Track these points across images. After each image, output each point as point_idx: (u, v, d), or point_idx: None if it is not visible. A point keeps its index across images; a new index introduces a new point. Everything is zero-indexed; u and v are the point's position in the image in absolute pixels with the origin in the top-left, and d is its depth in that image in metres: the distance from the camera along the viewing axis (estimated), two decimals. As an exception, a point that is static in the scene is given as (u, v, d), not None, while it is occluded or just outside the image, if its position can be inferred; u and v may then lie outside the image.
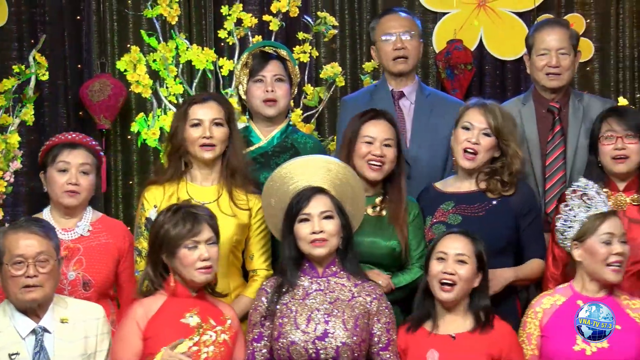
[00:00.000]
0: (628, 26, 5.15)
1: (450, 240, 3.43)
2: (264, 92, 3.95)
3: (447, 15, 5.20)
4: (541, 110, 4.15)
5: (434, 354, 3.35)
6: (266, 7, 5.02)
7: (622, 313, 3.41)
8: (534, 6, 5.12)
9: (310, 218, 3.35)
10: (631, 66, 5.17)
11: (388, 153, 3.69)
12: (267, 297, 3.37)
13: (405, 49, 4.22)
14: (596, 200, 3.48)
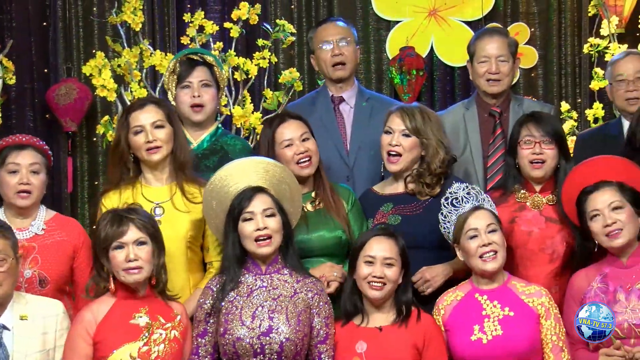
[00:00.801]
0: (569, 35, 5.16)
1: (377, 244, 3.42)
2: (190, 98, 3.91)
3: (400, 23, 5.19)
4: (483, 114, 4.16)
5: (363, 345, 3.35)
6: (227, 15, 5.02)
7: (516, 300, 3.42)
8: (481, 16, 5.12)
9: (254, 216, 3.33)
10: (572, 73, 5.18)
11: (310, 145, 3.69)
12: (212, 295, 3.34)
13: (343, 55, 4.20)
14: (463, 200, 3.50)
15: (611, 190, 3.48)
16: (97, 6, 5.07)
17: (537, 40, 5.18)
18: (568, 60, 5.16)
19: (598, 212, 3.46)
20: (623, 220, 3.43)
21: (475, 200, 3.51)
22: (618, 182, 3.51)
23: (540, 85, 5.19)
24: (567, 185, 3.64)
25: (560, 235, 3.69)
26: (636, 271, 3.47)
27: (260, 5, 4.99)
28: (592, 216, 3.48)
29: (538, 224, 3.71)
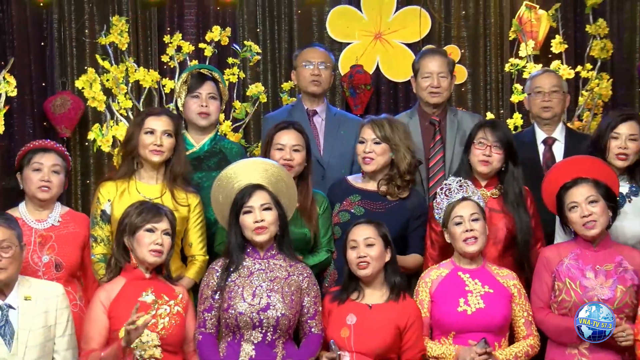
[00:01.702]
0: (493, 56, 5.21)
1: (358, 229, 3.50)
2: (199, 107, 4.00)
3: (350, 45, 5.22)
4: (424, 122, 4.27)
5: (353, 318, 3.43)
6: (201, 36, 5.07)
7: (493, 280, 3.53)
8: (420, 38, 5.16)
9: (253, 210, 3.40)
10: (496, 88, 5.21)
11: (296, 157, 3.76)
12: (217, 275, 3.39)
13: (320, 75, 4.36)
14: (454, 192, 3.59)
15: (588, 186, 3.53)
16: (88, 28, 5.07)
17: (467, 60, 5.22)
18: (492, 77, 5.22)
19: (576, 204, 3.51)
20: (597, 212, 3.49)
21: (464, 192, 3.58)
22: (593, 179, 3.56)
23: (469, 98, 5.23)
24: (548, 180, 3.70)
25: (501, 223, 3.77)
26: (604, 255, 3.53)
27: (230, 28, 5.07)
28: (571, 207, 3.53)
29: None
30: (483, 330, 3.42)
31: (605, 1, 5.15)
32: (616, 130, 3.86)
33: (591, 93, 5.00)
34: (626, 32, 5.20)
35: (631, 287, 3.47)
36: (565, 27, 5.12)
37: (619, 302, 3.44)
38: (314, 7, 5.27)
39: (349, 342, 3.39)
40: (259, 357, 3.30)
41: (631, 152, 3.85)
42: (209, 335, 3.38)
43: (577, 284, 3.49)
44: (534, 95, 4.32)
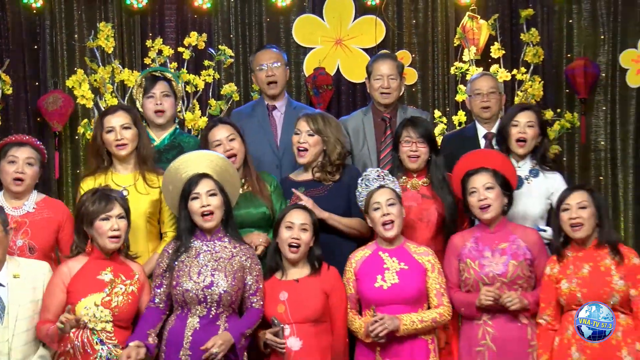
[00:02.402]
0: (440, 60, 5.26)
1: (295, 213, 3.51)
2: (154, 105, 4.01)
3: (314, 49, 5.27)
4: (377, 119, 4.32)
5: (284, 294, 3.46)
6: (180, 41, 5.12)
7: (409, 257, 3.55)
8: (375, 44, 5.20)
9: (199, 196, 3.40)
10: (443, 88, 5.27)
11: (235, 145, 3.76)
12: (167, 256, 3.41)
13: (275, 75, 4.34)
14: (373, 181, 3.61)
15: (487, 174, 3.59)
16: (78, 33, 5.14)
17: (417, 64, 5.28)
18: (439, 79, 5.27)
19: (475, 189, 3.59)
20: (492, 197, 3.56)
21: (382, 181, 3.62)
22: (493, 169, 3.62)
23: (419, 98, 5.29)
24: (457, 168, 3.76)
25: (432, 207, 3.83)
26: (499, 236, 3.60)
27: (206, 34, 5.12)
28: (471, 192, 3.60)
29: (416, 200, 3.84)
30: (399, 303, 3.47)
31: (536, 13, 5.23)
32: (516, 119, 3.97)
33: (525, 93, 5.07)
34: (555, 41, 5.29)
35: (523, 261, 3.54)
36: (503, 35, 5.19)
37: (511, 275, 3.53)
38: (281, 16, 5.32)
39: (287, 316, 3.43)
40: (202, 329, 3.31)
41: (529, 137, 3.96)
42: (154, 309, 3.38)
43: (476, 263, 3.56)
44: (474, 97, 4.36)
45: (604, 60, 5.27)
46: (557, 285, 3.51)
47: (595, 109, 5.30)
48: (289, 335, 3.42)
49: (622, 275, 3.44)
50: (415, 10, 5.34)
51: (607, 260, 3.48)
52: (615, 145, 5.29)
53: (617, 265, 3.45)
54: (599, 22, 5.28)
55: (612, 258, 3.47)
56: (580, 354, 3.42)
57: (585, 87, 5.09)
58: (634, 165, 5.24)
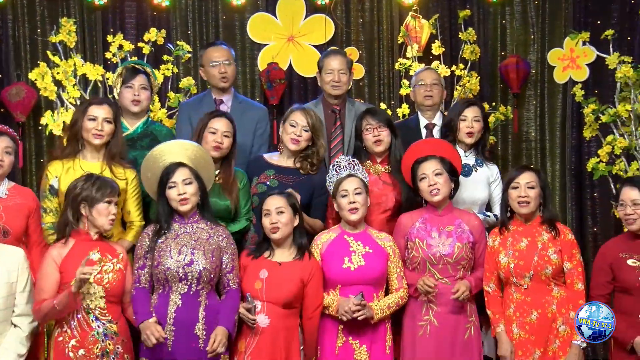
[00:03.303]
0: (385, 56, 5.27)
1: (270, 200, 3.52)
2: (132, 95, 3.99)
3: (267, 45, 5.24)
4: (327, 111, 4.32)
5: (265, 272, 3.47)
6: (140, 37, 5.03)
7: (373, 242, 3.57)
8: (325, 41, 5.20)
9: (176, 185, 3.41)
10: (388, 83, 5.26)
11: (225, 142, 3.78)
12: (149, 238, 3.41)
13: (226, 72, 4.29)
14: (343, 168, 3.63)
15: (435, 161, 3.63)
16: (40, 28, 5.02)
17: (364, 60, 5.28)
18: (385, 74, 5.28)
19: (425, 176, 3.61)
20: (441, 182, 3.60)
21: (352, 169, 3.63)
22: (440, 156, 3.66)
23: (366, 91, 5.29)
24: (406, 156, 3.79)
25: (391, 194, 3.86)
26: (447, 219, 3.64)
27: (165, 30, 5.06)
28: (421, 178, 3.63)
29: (377, 185, 3.87)
30: (363, 284, 3.49)
31: (473, 14, 5.29)
32: (464, 114, 4.04)
33: (463, 88, 5.09)
34: (490, 39, 5.36)
35: (467, 243, 3.59)
36: (443, 34, 5.21)
37: (456, 256, 3.58)
38: (236, 13, 5.28)
39: (261, 293, 3.43)
40: (185, 305, 3.32)
41: (476, 130, 4.03)
42: (142, 289, 3.39)
43: (424, 242, 3.60)
44: (418, 87, 4.39)
45: (534, 58, 5.33)
46: (496, 259, 3.56)
47: (526, 102, 5.37)
48: (260, 311, 3.42)
49: (557, 249, 3.51)
50: (362, 10, 5.34)
51: (544, 236, 3.55)
52: (544, 136, 5.36)
53: (553, 239, 3.52)
54: (529, 23, 5.35)
55: (549, 233, 3.53)
56: (520, 329, 3.49)
57: (518, 82, 5.15)
58: (560, 154, 5.32)
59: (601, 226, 5.17)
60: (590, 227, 5.20)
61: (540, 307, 3.47)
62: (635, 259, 3.47)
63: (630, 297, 3.44)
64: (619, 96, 4.83)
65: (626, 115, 4.76)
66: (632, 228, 3.51)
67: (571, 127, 5.25)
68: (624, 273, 3.46)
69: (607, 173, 4.80)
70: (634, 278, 3.43)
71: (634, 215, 3.47)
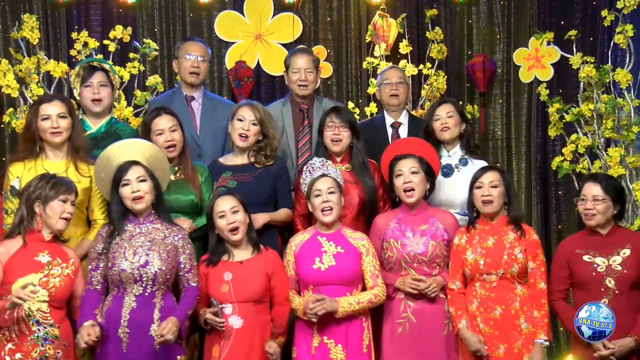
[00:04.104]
0: (353, 55, 5.26)
1: (222, 201, 3.47)
2: (92, 94, 3.90)
3: (235, 44, 5.21)
4: (295, 109, 4.29)
5: (229, 275, 3.43)
6: (106, 34, 4.96)
7: (346, 242, 3.55)
8: (293, 39, 5.17)
9: (130, 182, 3.36)
10: (356, 81, 5.26)
11: (176, 136, 3.72)
12: (102, 239, 3.34)
13: (199, 68, 4.26)
14: (317, 169, 3.63)
15: (413, 159, 3.62)
16: (2, 24, 4.93)
17: (332, 58, 5.28)
18: (353, 72, 5.27)
19: (401, 173, 3.60)
20: (416, 182, 3.57)
21: (325, 170, 3.61)
22: (419, 155, 3.66)
23: (334, 90, 5.29)
24: (386, 153, 3.77)
25: (354, 192, 3.83)
26: (421, 218, 3.63)
27: (131, 27, 4.98)
28: (397, 175, 3.62)
29: None
30: (335, 284, 3.47)
31: (440, 13, 5.29)
32: (436, 113, 4.04)
33: (431, 87, 5.08)
34: (457, 39, 5.37)
35: (441, 241, 3.60)
36: (410, 33, 5.21)
37: (431, 254, 3.59)
38: (203, 11, 5.24)
39: (230, 295, 3.40)
40: (139, 307, 3.27)
41: (451, 124, 4.01)
42: (93, 291, 3.33)
43: (398, 242, 3.59)
44: (383, 85, 4.38)
45: (500, 57, 5.36)
46: (463, 257, 3.57)
47: (492, 101, 5.40)
48: (231, 313, 3.38)
49: (522, 248, 3.53)
50: (330, 9, 5.34)
51: (510, 235, 3.57)
52: (510, 134, 5.39)
53: (518, 239, 3.54)
54: (495, 22, 5.37)
55: (515, 233, 3.55)
56: (484, 325, 3.50)
57: (484, 81, 5.17)
58: (526, 152, 5.35)
59: (565, 223, 5.20)
60: (554, 224, 5.25)
61: (504, 303, 3.48)
62: (591, 255, 3.51)
63: (586, 293, 3.47)
64: (582, 96, 4.87)
65: (589, 114, 4.80)
66: (590, 223, 3.55)
67: (536, 125, 5.28)
68: (580, 269, 3.50)
69: (571, 171, 4.83)
70: (588, 273, 3.47)
71: (593, 210, 3.51)
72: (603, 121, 4.75)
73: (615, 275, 3.44)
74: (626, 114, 4.72)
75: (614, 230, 3.56)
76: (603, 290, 3.44)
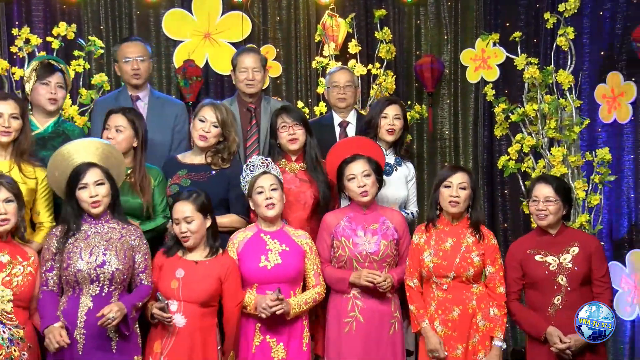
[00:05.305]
0: (303, 54, 5.24)
1: (179, 207, 3.42)
2: (49, 93, 3.82)
3: (183, 42, 5.14)
4: (243, 109, 4.24)
5: (181, 272, 3.40)
6: (49, 31, 4.86)
7: (290, 240, 3.54)
8: (242, 38, 5.11)
9: (87, 186, 3.29)
10: (305, 81, 5.24)
11: (118, 137, 3.65)
12: (56, 239, 3.28)
13: (140, 69, 4.19)
14: (257, 167, 3.60)
15: (363, 161, 3.60)
16: None
17: (281, 58, 5.23)
18: (302, 72, 5.25)
19: (354, 176, 3.58)
20: (369, 184, 3.57)
21: (265, 167, 3.59)
22: (367, 156, 3.64)
23: (284, 89, 5.25)
24: (332, 154, 3.75)
25: (309, 191, 3.81)
26: (372, 217, 3.62)
27: (76, 24, 4.87)
28: (350, 179, 3.59)
29: (294, 183, 3.81)
30: (280, 282, 3.46)
31: (389, 14, 5.30)
32: (385, 112, 4.03)
33: (379, 86, 5.09)
34: (405, 39, 5.38)
35: (392, 241, 3.60)
36: (359, 33, 5.19)
37: (382, 253, 3.58)
38: (151, 9, 5.20)
39: (178, 293, 3.37)
40: (96, 307, 3.21)
41: (397, 128, 4.04)
42: (50, 292, 3.27)
43: (350, 241, 3.58)
44: (331, 88, 4.38)
45: (448, 58, 5.40)
46: (420, 257, 3.57)
47: (440, 101, 5.43)
48: (176, 311, 3.35)
49: (480, 252, 3.54)
50: (279, 8, 5.32)
51: (469, 238, 3.57)
52: (457, 134, 5.43)
53: (477, 243, 3.55)
54: (443, 23, 5.40)
55: (474, 236, 3.56)
56: (443, 326, 3.51)
57: (432, 81, 5.19)
58: (473, 152, 5.39)
59: (511, 222, 5.26)
60: (501, 223, 5.29)
61: (461, 303, 3.49)
62: (542, 255, 3.54)
63: (538, 292, 3.51)
64: (527, 96, 4.93)
65: (533, 114, 4.86)
66: (541, 224, 3.58)
67: (483, 125, 5.33)
68: (532, 269, 3.53)
69: (516, 170, 4.88)
70: (541, 273, 3.50)
71: (546, 211, 3.53)
72: (547, 121, 4.81)
73: (567, 272, 3.48)
74: (568, 114, 4.79)
75: (562, 230, 3.59)
76: (556, 288, 3.47)
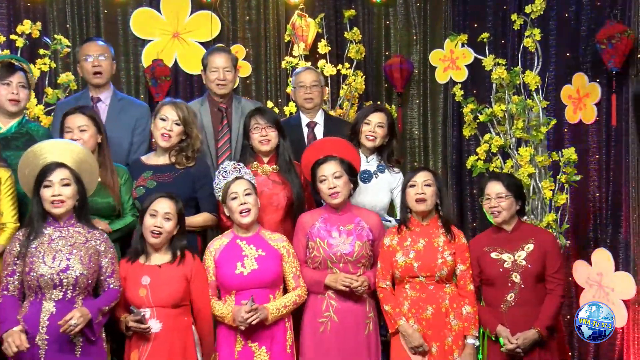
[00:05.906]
0: (272, 54, 5.21)
1: (161, 203, 3.40)
2: (10, 94, 3.77)
3: (152, 41, 5.10)
4: (214, 109, 4.21)
5: (147, 279, 3.35)
6: (13, 29, 4.77)
7: (266, 244, 3.52)
8: (211, 38, 5.08)
9: (52, 185, 3.24)
10: (275, 81, 5.18)
11: (83, 136, 3.62)
12: (19, 243, 3.21)
13: (101, 66, 4.12)
14: (230, 173, 3.57)
15: (334, 163, 3.60)
16: None
17: (251, 57, 5.21)
18: (272, 72, 5.22)
19: (325, 178, 3.58)
20: (340, 185, 3.57)
21: (238, 172, 3.56)
22: (340, 157, 3.63)
23: (253, 89, 5.22)
24: (306, 154, 3.74)
25: (282, 193, 3.80)
26: (346, 217, 3.62)
27: (41, 23, 4.80)
28: (321, 180, 3.59)
29: (267, 185, 3.80)
30: (258, 287, 3.45)
31: (358, 14, 5.31)
32: (368, 118, 4.04)
33: (349, 87, 5.08)
34: (374, 39, 5.40)
35: (367, 241, 3.61)
36: (329, 33, 5.20)
37: (357, 254, 3.58)
38: (118, 8, 5.16)
39: (148, 300, 3.33)
40: (59, 312, 3.15)
41: (378, 135, 4.04)
42: (10, 297, 3.19)
43: (325, 242, 3.58)
44: (298, 88, 4.36)
45: (417, 58, 5.42)
46: (393, 259, 3.58)
47: (410, 101, 5.45)
48: (150, 317, 3.32)
49: (452, 252, 3.58)
50: (249, 8, 5.30)
51: (440, 238, 3.60)
52: (427, 134, 5.47)
53: (448, 242, 3.59)
54: (412, 24, 5.43)
55: (445, 236, 3.59)
56: (417, 325, 3.53)
57: (401, 82, 5.21)
58: (442, 152, 5.43)
59: (480, 221, 5.30)
60: (469, 222, 5.34)
61: (435, 302, 3.52)
62: (498, 252, 3.60)
63: (493, 289, 3.57)
64: (495, 97, 4.97)
65: (501, 115, 4.90)
66: (497, 220, 3.64)
67: (452, 125, 5.36)
68: (488, 266, 3.58)
69: (485, 170, 4.92)
70: (496, 270, 3.55)
71: (498, 208, 3.60)
72: (514, 121, 4.86)
73: (521, 270, 3.53)
74: (535, 114, 4.85)
75: (518, 226, 3.65)
76: (510, 285, 3.52)
